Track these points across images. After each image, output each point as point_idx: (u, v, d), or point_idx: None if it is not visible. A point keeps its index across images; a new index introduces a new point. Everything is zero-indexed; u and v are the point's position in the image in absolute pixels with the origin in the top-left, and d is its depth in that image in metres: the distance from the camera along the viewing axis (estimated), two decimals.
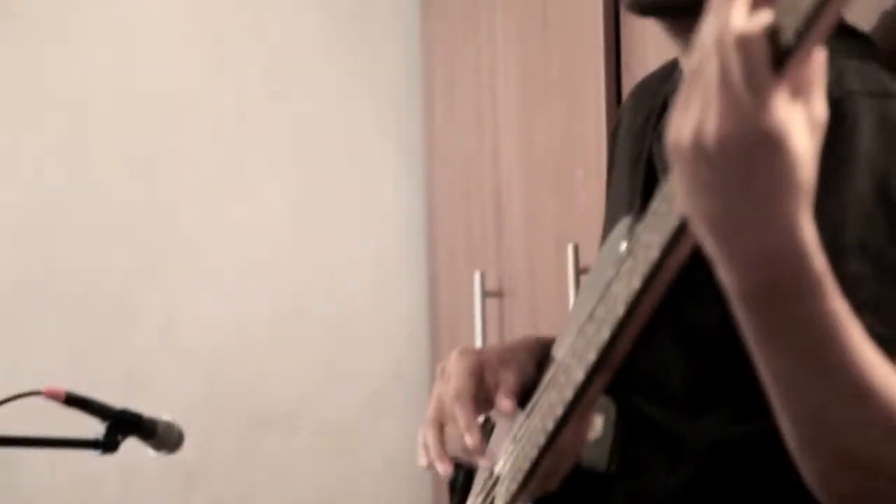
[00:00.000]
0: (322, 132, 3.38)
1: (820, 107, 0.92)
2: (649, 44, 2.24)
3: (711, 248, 0.98)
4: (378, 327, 3.40)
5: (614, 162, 1.60)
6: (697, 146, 0.93)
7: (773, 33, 0.89)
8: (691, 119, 0.93)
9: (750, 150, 0.91)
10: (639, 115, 1.54)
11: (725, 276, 0.98)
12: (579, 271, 2.41)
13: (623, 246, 1.24)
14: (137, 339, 3.23)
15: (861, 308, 1.01)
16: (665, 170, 1.36)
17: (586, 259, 2.41)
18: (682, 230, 1.02)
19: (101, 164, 3.23)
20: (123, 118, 3.24)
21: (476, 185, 3.04)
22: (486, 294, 2.89)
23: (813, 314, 0.97)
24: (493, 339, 2.90)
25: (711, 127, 0.92)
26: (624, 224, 1.34)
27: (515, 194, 2.82)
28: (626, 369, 1.19)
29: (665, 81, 1.50)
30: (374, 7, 3.43)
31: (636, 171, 1.46)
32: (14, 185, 3.18)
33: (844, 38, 1.30)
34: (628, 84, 2.29)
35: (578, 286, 2.40)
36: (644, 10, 1.36)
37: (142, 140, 3.25)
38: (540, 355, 1.52)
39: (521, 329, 2.79)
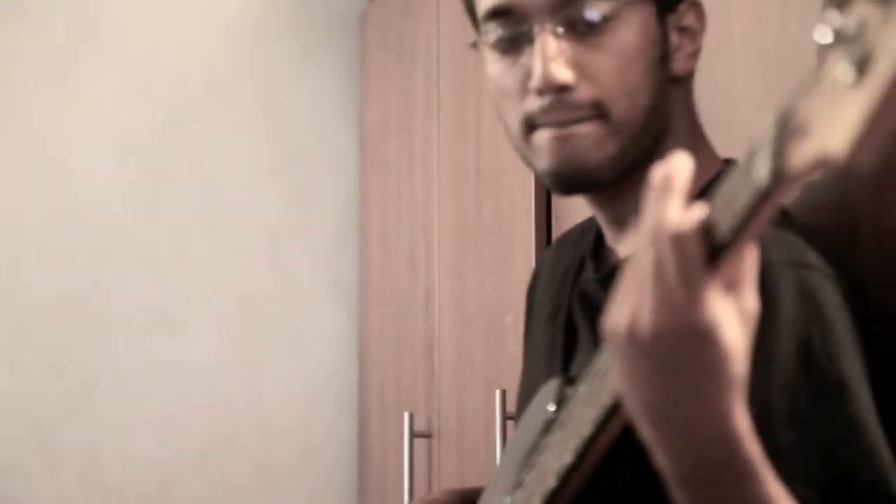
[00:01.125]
0: (257, 270, 3.40)
1: (751, 300, 0.95)
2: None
3: (645, 432, 1.00)
4: (306, 467, 3.39)
5: (531, 316, 1.63)
6: (631, 335, 0.95)
7: (707, 229, 0.91)
8: (627, 308, 0.96)
9: (682, 343, 0.93)
10: (557, 271, 1.56)
11: (659, 458, 1.00)
12: (506, 416, 2.43)
13: (551, 408, 1.26)
14: (60, 475, 3.20)
15: (794, 479, 1.04)
16: (586, 328, 1.40)
17: (514, 405, 2.43)
18: (615, 408, 1.05)
19: (29, 295, 3.22)
20: (54, 251, 3.24)
21: (408, 326, 3.07)
22: (414, 435, 2.90)
23: (746, 498, 0.99)
24: (421, 481, 2.91)
25: (646, 317, 0.94)
26: (552, 386, 1.34)
27: (447, 338, 2.85)
28: None
29: (584, 236, 1.53)
30: (312, 147, 3.48)
31: (555, 328, 1.48)
32: None
33: None
34: (558, 233, 2.34)
35: (504, 431, 2.42)
36: (565, 189, 1.38)
37: (73, 273, 3.25)
38: None
39: (449, 470, 2.80)
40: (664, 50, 1.37)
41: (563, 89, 1.32)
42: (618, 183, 1.35)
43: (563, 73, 1.32)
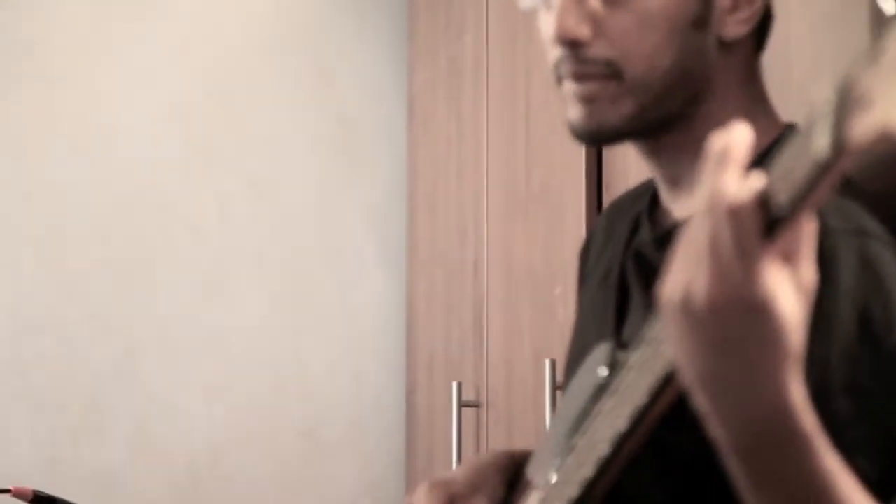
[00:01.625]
0: (303, 236, 3.39)
1: (809, 272, 0.94)
2: (630, 160, 2.26)
3: (701, 402, 0.99)
4: (353, 435, 3.38)
5: (584, 280, 1.61)
6: (687, 307, 0.95)
7: (764, 201, 0.90)
8: (682, 279, 0.95)
9: (738, 316, 0.93)
10: (611, 235, 1.54)
11: (715, 429, 1.00)
12: (556, 387, 2.40)
13: (603, 372, 1.24)
14: (109, 438, 3.21)
15: (851, 450, 1.03)
16: (639, 290, 1.37)
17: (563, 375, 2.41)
18: (670, 377, 1.04)
19: (77, 261, 3.22)
20: (101, 216, 3.24)
21: (457, 294, 3.04)
22: (462, 404, 2.89)
23: (803, 471, 0.98)
24: (469, 451, 2.89)
25: (701, 290, 0.94)
26: (604, 349, 1.32)
27: (495, 306, 2.82)
28: (605, 498, 1.20)
29: (637, 201, 1.51)
30: (360, 112, 3.46)
31: (608, 289, 1.46)
32: None
33: None
34: (609, 201, 2.31)
35: (554, 402, 2.40)
36: (586, 141, 1.38)
37: (119, 238, 3.25)
38: (511, 474, 1.52)
39: (497, 440, 2.78)
40: (703, 12, 1.34)
41: (575, 45, 1.31)
42: (658, 137, 1.34)
43: (576, 29, 1.31)
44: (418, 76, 3.38)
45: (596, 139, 1.38)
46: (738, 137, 0.94)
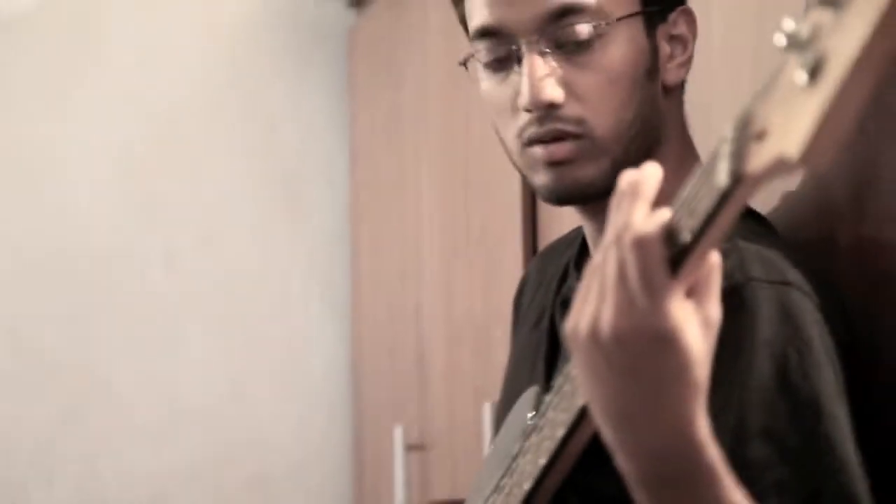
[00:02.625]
0: (248, 282, 3.41)
1: (714, 307, 0.96)
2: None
3: (607, 435, 1.01)
4: (300, 479, 3.40)
5: (517, 324, 1.64)
6: (593, 338, 0.96)
7: (670, 234, 0.92)
8: (589, 310, 0.97)
9: (642, 347, 0.94)
10: (543, 279, 1.58)
11: (621, 462, 1.01)
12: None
13: (530, 416, 1.27)
14: (57, 488, 3.21)
15: (766, 492, 1.05)
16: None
17: None
18: (586, 411, 1.06)
19: (24, 309, 3.23)
20: (48, 266, 3.25)
21: (400, 338, 3.07)
22: (407, 447, 2.91)
23: (708, 502, 0.99)
24: (415, 493, 2.91)
25: (606, 321, 0.95)
26: (531, 393, 1.36)
27: (436, 350, 2.85)
28: None
29: (569, 247, 1.54)
30: (303, 160, 3.49)
31: (539, 335, 1.49)
32: None
33: (746, 221, 1.35)
34: (543, 244, 2.34)
35: None
36: (560, 202, 1.40)
37: (67, 287, 3.26)
38: None
39: (441, 482, 2.81)
40: (653, 62, 1.38)
41: (551, 107, 1.34)
42: (606, 193, 1.36)
43: (551, 92, 1.33)
44: (360, 123, 3.42)
45: (571, 199, 1.38)
46: (647, 174, 0.97)
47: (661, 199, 0.97)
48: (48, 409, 3.22)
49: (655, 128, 1.38)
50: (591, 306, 0.97)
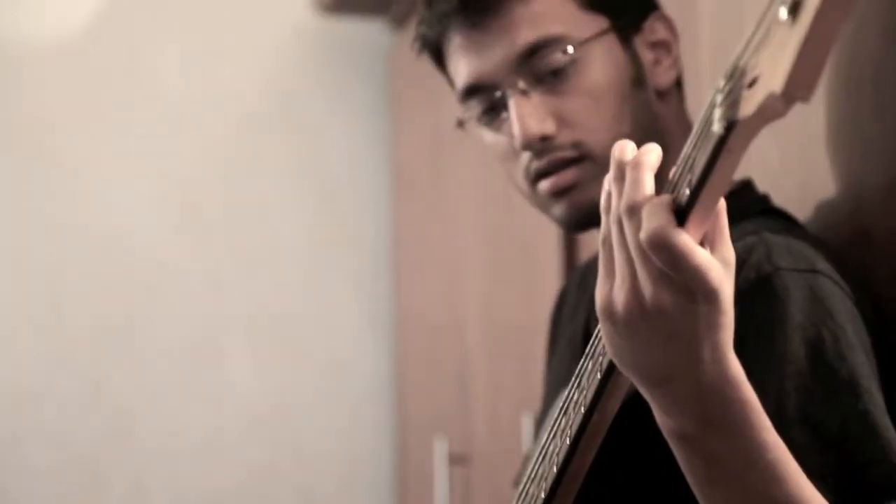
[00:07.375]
0: (293, 301, 3.45)
1: (728, 248, 0.96)
2: None
3: (646, 394, 1.01)
4: (346, 491, 3.43)
5: (556, 338, 1.66)
6: (638, 312, 0.96)
7: (675, 191, 0.94)
8: (622, 286, 0.96)
9: (683, 309, 0.94)
10: (581, 294, 1.61)
11: (660, 417, 1.01)
12: None
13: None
14: (107, 498, 3.25)
15: (809, 477, 1.04)
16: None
17: None
18: (605, 386, 1.06)
19: (71, 327, 3.28)
20: (93, 284, 3.30)
21: (443, 352, 3.11)
22: (451, 461, 2.94)
23: (747, 445, 0.99)
24: None
25: (647, 294, 0.95)
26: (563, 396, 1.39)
27: (478, 364, 2.89)
28: None
29: None
30: (347, 180, 3.52)
31: (574, 348, 1.51)
32: None
33: (772, 217, 1.38)
34: (583, 256, 2.37)
35: None
36: (580, 227, 1.44)
37: (111, 305, 3.31)
38: None
39: (484, 495, 2.84)
40: (637, 72, 1.42)
41: (544, 139, 1.38)
42: None
43: (539, 126, 1.38)
44: (402, 143, 3.46)
45: (591, 222, 1.40)
46: (650, 147, 0.99)
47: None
48: (95, 427, 3.27)
49: (657, 132, 1.42)
50: (626, 282, 0.96)
